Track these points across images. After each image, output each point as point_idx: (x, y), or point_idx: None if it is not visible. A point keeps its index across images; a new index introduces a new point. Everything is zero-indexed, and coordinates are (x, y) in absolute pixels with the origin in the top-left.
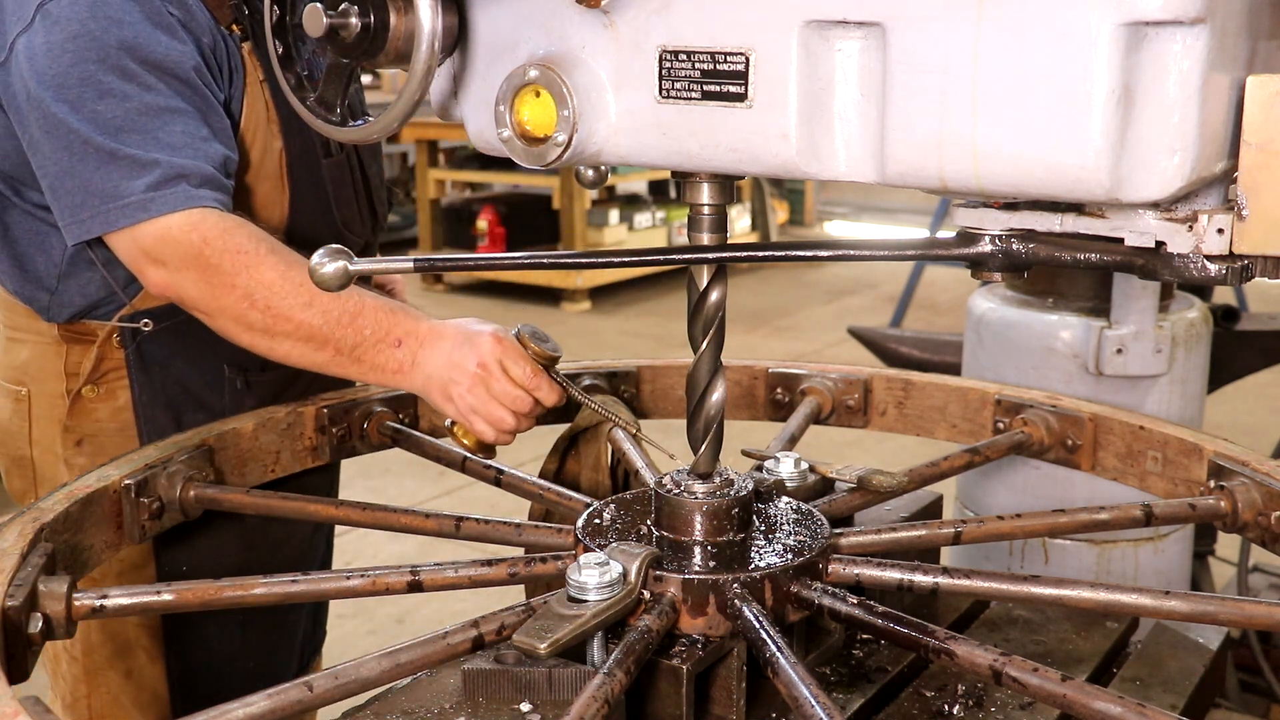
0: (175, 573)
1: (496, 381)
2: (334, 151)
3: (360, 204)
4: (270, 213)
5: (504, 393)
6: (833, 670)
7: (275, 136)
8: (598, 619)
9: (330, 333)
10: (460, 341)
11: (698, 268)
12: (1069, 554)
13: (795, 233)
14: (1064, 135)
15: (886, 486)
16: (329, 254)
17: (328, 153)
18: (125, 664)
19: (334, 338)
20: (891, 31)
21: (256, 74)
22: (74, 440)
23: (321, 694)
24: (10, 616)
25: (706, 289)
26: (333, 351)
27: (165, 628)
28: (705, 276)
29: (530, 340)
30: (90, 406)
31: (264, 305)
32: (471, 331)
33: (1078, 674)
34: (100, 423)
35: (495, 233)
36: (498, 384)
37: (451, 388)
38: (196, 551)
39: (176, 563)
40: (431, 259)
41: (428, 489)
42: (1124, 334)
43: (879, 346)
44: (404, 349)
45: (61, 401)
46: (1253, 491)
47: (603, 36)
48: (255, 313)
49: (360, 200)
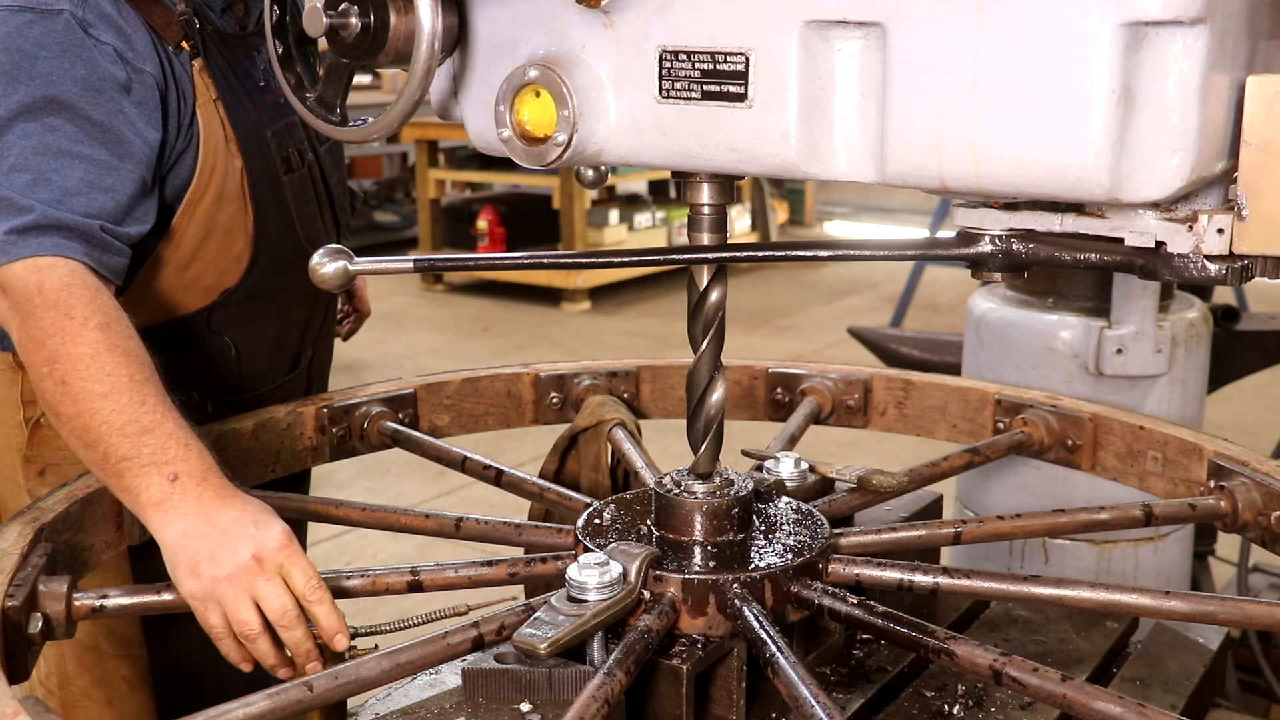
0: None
1: (267, 583)
2: (295, 167)
3: (324, 217)
4: (235, 237)
5: (271, 597)
6: (833, 670)
7: (235, 156)
8: (598, 619)
9: (108, 436)
10: (244, 520)
11: (698, 268)
12: (1069, 554)
13: (795, 233)
14: (1064, 135)
15: (886, 486)
16: (329, 254)
17: (289, 168)
18: (105, 694)
19: (108, 442)
20: (891, 31)
21: (209, 93)
22: (36, 470)
23: (321, 694)
24: (10, 616)
25: (706, 289)
26: (101, 455)
27: (153, 625)
28: (705, 276)
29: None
30: (50, 434)
31: (60, 377)
32: (261, 517)
33: (1078, 674)
34: (62, 450)
35: (495, 233)
36: (267, 586)
37: (205, 563)
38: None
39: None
40: (431, 259)
41: (428, 489)
42: (1124, 334)
43: (879, 346)
44: (176, 487)
45: (20, 431)
46: (1253, 491)
47: (603, 36)
48: (50, 382)
49: (324, 214)
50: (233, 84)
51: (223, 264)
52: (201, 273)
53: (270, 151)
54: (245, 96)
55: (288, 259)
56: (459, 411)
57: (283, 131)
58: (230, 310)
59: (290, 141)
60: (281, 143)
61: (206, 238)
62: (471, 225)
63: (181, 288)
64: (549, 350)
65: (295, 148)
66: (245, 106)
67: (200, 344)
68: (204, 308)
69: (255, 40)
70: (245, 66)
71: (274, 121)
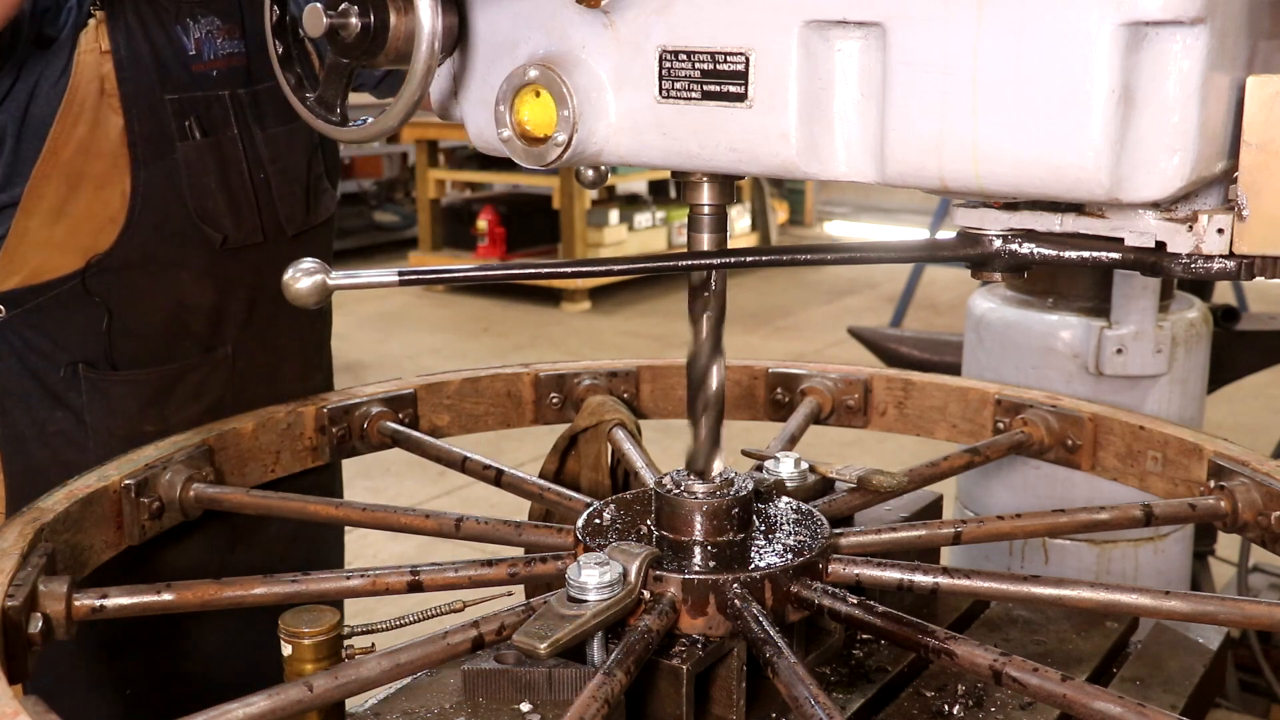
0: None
1: None
2: (193, 136)
3: (236, 196)
4: (109, 192)
5: None
6: (833, 670)
7: (114, 111)
8: (598, 619)
9: None
10: None
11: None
12: (1069, 554)
13: (795, 233)
14: (1064, 135)
15: (886, 486)
16: (306, 270)
17: (188, 136)
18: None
19: None
20: (891, 31)
21: (99, 44)
22: None
23: (321, 694)
24: (10, 616)
25: (706, 279)
26: None
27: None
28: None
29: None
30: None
31: None
32: None
33: (1078, 674)
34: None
35: (495, 233)
36: None
37: None
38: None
39: (157, 573)
40: (417, 271)
41: (428, 489)
42: (1124, 334)
43: (879, 346)
44: None
45: None
46: (1253, 491)
47: (603, 36)
48: None
49: (238, 193)
50: (140, 44)
51: (96, 223)
52: (74, 230)
53: (165, 116)
54: (153, 59)
55: (178, 230)
56: (459, 411)
57: (198, 102)
58: (110, 275)
59: (197, 111)
60: (185, 110)
61: (73, 190)
62: (471, 225)
63: (54, 245)
64: (549, 350)
65: (203, 118)
66: (147, 67)
67: (78, 309)
68: (79, 269)
69: (199, 10)
70: (175, 32)
71: (189, 90)
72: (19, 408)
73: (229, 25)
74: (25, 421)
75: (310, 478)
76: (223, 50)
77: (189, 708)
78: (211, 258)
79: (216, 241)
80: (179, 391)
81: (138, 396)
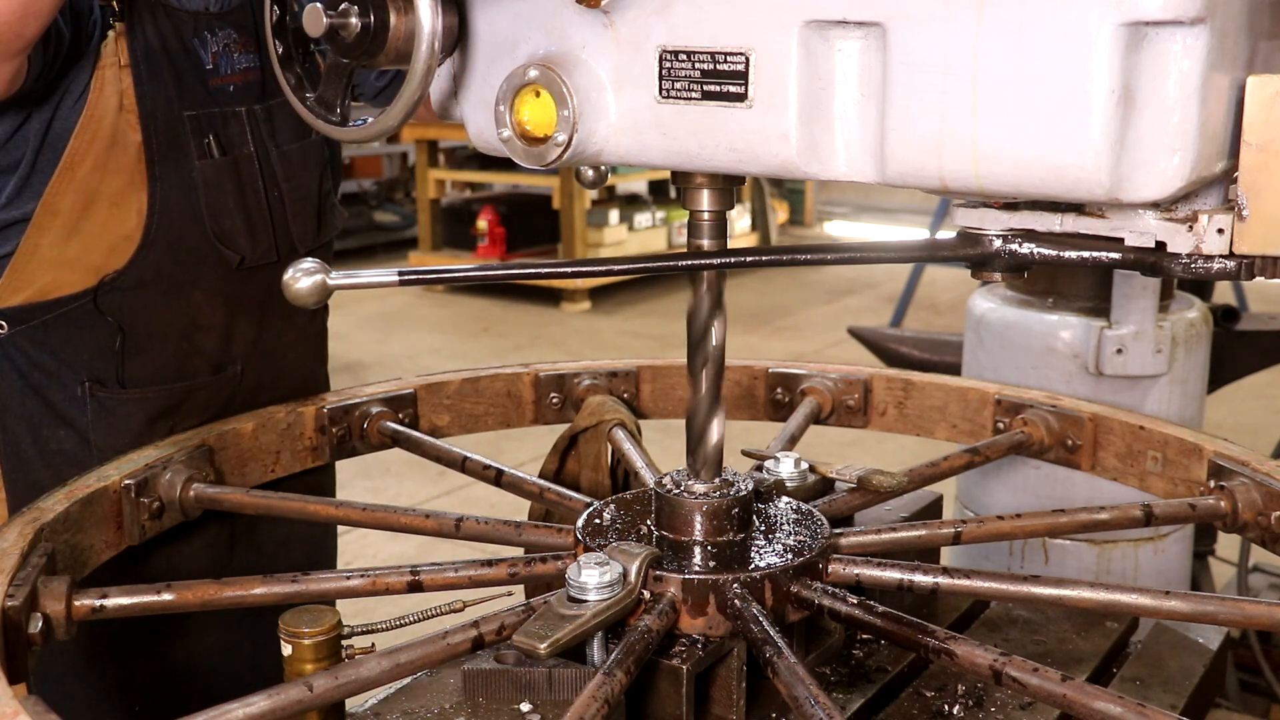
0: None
1: None
2: (212, 154)
3: (253, 216)
4: (124, 210)
5: None
6: (833, 670)
7: (132, 128)
8: (598, 619)
9: None
10: None
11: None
12: (1069, 554)
13: (795, 233)
14: (1064, 135)
15: (886, 486)
16: (306, 269)
17: (207, 154)
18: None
19: None
20: (891, 31)
21: (119, 58)
22: None
23: (321, 694)
24: (10, 616)
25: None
26: None
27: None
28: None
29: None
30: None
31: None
32: None
33: (1078, 674)
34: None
35: (495, 233)
36: None
37: None
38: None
39: (157, 573)
40: (417, 271)
41: (428, 489)
42: (1124, 334)
43: (879, 346)
44: None
45: None
46: (1253, 491)
47: (603, 36)
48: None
49: (256, 216)
50: (159, 57)
51: (110, 241)
52: (87, 248)
53: (183, 133)
54: (171, 73)
55: (194, 249)
56: (459, 411)
57: (215, 119)
58: (123, 294)
59: (215, 129)
60: (203, 127)
61: (88, 208)
62: (471, 225)
63: (64, 263)
64: (549, 350)
65: (223, 136)
66: (165, 82)
67: (88, 327)
68: (91, 288)
69: (216, 22)
70: (192, 45)
71: (206, 106)
72: (20, 425)
73: (245, 38)
74: (27, 439)
75: (304, 478)
76: (239, 65)
77: (189, 708)
78: (225, 277)
79: (234, 262)
80: (185, 409)
81: (144, 415)
